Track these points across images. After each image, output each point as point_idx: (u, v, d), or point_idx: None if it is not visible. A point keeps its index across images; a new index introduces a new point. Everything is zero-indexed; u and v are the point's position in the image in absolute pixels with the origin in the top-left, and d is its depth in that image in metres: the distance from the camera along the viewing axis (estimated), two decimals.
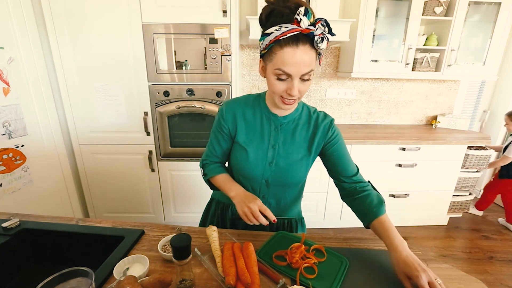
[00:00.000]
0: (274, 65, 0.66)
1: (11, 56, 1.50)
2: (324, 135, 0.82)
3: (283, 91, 0.69)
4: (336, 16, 1.92)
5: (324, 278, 0.67)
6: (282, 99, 0.71)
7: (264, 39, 0.66)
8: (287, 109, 0.75)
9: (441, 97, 2.57)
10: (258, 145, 0.83)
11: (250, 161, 0.82)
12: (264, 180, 0.85)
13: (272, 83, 0.69)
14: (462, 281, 0.69)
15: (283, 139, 0.82)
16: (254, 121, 0.83)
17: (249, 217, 0.72)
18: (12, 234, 0.80)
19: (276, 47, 0.64)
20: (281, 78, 0.67)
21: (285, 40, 0.62)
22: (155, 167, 1.97)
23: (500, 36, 2.09)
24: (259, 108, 0.83)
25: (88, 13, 1.62)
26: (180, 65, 1.76)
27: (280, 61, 0.64)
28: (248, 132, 0.83)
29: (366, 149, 2.05)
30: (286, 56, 0.63)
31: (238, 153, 0.85)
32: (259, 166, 0.83)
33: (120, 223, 0.89)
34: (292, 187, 0.89)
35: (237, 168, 0.86)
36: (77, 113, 1.82)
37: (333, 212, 2.23)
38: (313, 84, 2.44)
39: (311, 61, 0.65)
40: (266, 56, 0.68)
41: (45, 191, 1.76)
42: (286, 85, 0.67)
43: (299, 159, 0.83)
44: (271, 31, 0.63)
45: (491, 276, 1.82)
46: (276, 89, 0.69)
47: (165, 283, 0.58)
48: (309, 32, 0.61)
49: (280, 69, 0.65)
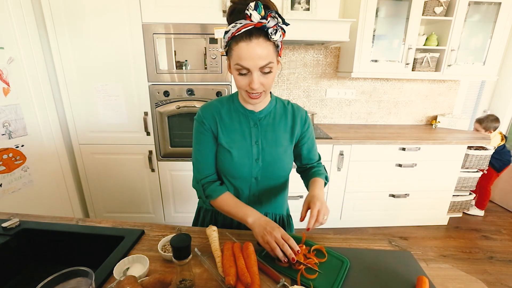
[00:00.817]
0: (234, 61, 0.68)
1: (11, 56, 1.50)
2: (302, 125, 0.88)
3: (246, 85, 0.71)
4: (336, 16, 1.92)
5: (325, 278, 0.67)
6: (248, 93, 0.73)
7: (224, 37, 0.69)
8: (255, 103, 0.76)
9: (441, 97, 2.57)
10: (241, 144, 0.82)
11: (236, 161, 0.82)
12: (254, 178, 0.85)
13: (235, 78, 0.71)
14: (462, 281, 0.68)
15: (264, 133, 0.83)
16: (231, 120, 0.83)
17: (272, 245, 0.67)
18: (12, 234, 0.80)
19: (233, 43, 0.66)
20: (242, 73, 0.69)
21: (239, 35, 0.64)
22: (155, 167, 1.97)
23: (500, 36, 2.09)
24: (234, 107, 0.84)
25: (88, 13, 1.62)
26: (180, 65, 1.76)
27: (237, 56, 0.66)
28: (228, 132, 0.82)
29: (366, 149, 2.05)
30: (241, 51, 0.65)
31: (223, 156, 0.83)
32: (246, 165, 0.82)
33: (120, 223, 0.89)
34: (280, 180, 0.90)
35: (224, 170, 0.85)
36: (77, 113, 1.82)
37: (333, 212, 2.23)
38: (313, 84, 2.45)
39: (268, 54, 0.67)
40: (228, 53, 0.71)
41: (45, 191, 1.76)
42: (248, 79, 0.69)
43: (284, 150, 0.85)
44: (229, 29, 0.66)
45: (491, 276, 1.82)
46: (239, 84, 0.72)
47: (165, 283, 0.58)
48: (262, 26, 0.63)
49: (238, 64, 0.67)
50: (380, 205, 2.24)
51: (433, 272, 0.71)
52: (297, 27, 1.83)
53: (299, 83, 2.43)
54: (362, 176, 2.13)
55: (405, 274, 0.70)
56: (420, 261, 0.75)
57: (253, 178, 0.85)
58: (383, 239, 0.85)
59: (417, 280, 0.66)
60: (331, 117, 2.57)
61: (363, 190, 2.18)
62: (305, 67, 2.39)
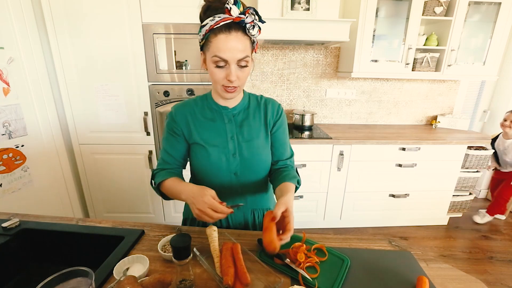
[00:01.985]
0: (211, 53, 0.69)
1: (11, 56, 1.50)
2: (274, 115, 0.88)
3: (223, 78, 0.72)
4: (336, 16, 1.92)
5: (326, 277, 0.67)
6: (225, 87, 0.74)
7: (200, 31, 0.70)
8: (230, 97, 0.77)
9: (441, 97, 2.57)
10: (216, 140, 0.83)
11: (213, 157, 0.82)
12: (233, 173, 0.84)
13: (212, 71, 0.72)
14: (462, 281, 0.68)
15: (240, 129, 0.84)
16: (205, 118, 0.84)
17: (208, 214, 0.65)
18: (12, 234, 0.80)
19: (211, 35, 0.68)
20: (219, 65, 0.70)
21: (218, 28, 0.66)
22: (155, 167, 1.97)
23: (500, 36, 2.09)
24: (207, 105, 0.85)
25: (88, 13, 1.62)
26: (180, 65, 1.76)
27: (215, 47, 0.68)
28: (203, 130, 0.83)
29: (366, 149, 2.05)
30: (220, 42, 0.67)
31: (199, 153, 0.83)
32: (222, 160, 0.82)
33: (120, 223, 0.89)
34: (262, 175, 0.89)
35: (202, 168, 0.85)
36: (77, 113, 1.82)
37: (333, 212, 2.23)
38: (313, 84, 2.45)
39: (245, 47, 0.70)
40: (204, 46, 0.72)
41: (45, 191, 1.76)
42: (225, 72, 0.71)
43: (262, 144, 0.86)
44: (206, 22, 0.67)
45: (491, 276, 1.82)
46: (216, 77, 0.72)
47: (165, 283, 0.58)
48: (240, 20, 0.66)
49: (216, 55, 0.68)
50: (380, 205, 2.24)
51: (433, 272, 0.71)
52: (297, 27, 1.83)
53: (299, 83, 2.43)
54: (362, 176, 2.13)
55: (405, 274, 0.70)
56: (420, 261, 0.75)
57: (233, 173, 0.84)
58: (383, 239, 0.85)
59: (417, 280, 0.66)
60: (331, 117, 2.57)
61: (363, 190, 2.18)
62: (305, 67, 2.39)
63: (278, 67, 2.37)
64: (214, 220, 0.67)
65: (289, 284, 0.65)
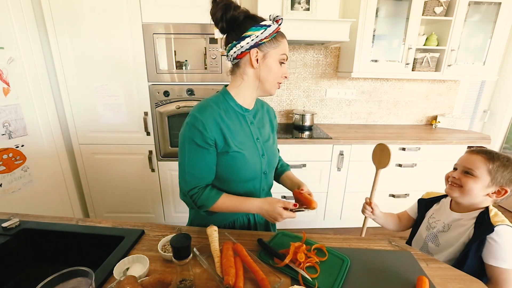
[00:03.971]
0: (280, 51, 0.78)
1: (11, 56, 1.50)
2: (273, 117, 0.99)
3: (281, 75, 0.81)
4: (336, 16, 1.92)
5: (326, 277, 0.67)
6: (279, 83, 0.83)
7: (265, 29, 0.74)
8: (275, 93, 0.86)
9: (441, 97, 2.57)
10: (248, 144, 0.83)
11: (250, 162, 0.82)
12: (263, 173, 0.88)
13: (274, 68, 0.79)
14: (462, 281, 0.68)
15: (259, 130, 0.88)
16: (232, 122, 0.81)
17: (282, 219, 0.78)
18: (12, 234, 0.80)
19: (279, 36, 0.78)
20: (283, 63, 0.80)
21: (280, 32, 0.78)
22: (155, 167, 1.97)
23: (500, 36, 2.09)
24: (230, 108, 0.82)
25: (88, 13, 1.62)
26: (180, 65, 1.76)
27: (285, 47, 0.79)
28: (235, 135, 0.80)
29: (366, 149, 2.05)
30: (285, 44, 0.79)
31: (236, 160, 0.80)
32: (257, 163, 0.85)
33: (120, 223, 0.89)
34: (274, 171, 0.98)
35: (236, 175, 0.82)
36: (77, 113, 1.82)
37: (333, 212, 2.23)
38: (313, 84, 2.45)
39: None
40: (268, 44, 0.76)
41: (45, 191, 1.76)
42: (284, 69, 0.81)
43: (274, 143, 0.95)
44: (269, 24, 0.75)
45: None
46: (278, 74, 0.80)
47: (165, 283, 0.58)
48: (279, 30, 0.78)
49: (285, 53, 0.79)
50: (380, 205, 2.23)
51: (433, 272, 0.71)
52: (297, 27, 1.83)
53: (299, 83, 2.43)
54: (362, 176, 2.13)
55: (405, 274, 0.70)
56: (420, 261, 0.75)
57: (263, 173, 0.88)
58: (383, 239, 0.85)
59: (417, 280, 0.66)
60: (331, 117, 2.57)
61: (363, 190, 2.18)
62: (305, 67, 2.39)
63: None
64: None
65: (289, 284, 0.65)
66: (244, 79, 0.80)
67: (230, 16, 0.73)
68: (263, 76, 0.78)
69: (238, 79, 0.81)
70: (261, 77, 0.79)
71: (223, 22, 0.74)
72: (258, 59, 0.76)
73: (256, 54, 0.76)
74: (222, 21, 0.74)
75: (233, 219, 0.91)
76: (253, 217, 0.94)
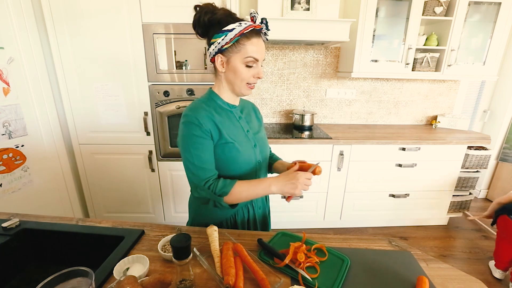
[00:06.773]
0: (244, 54, 0.77)
1: (11, 56, 1.50)
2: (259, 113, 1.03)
3: (250, 76, 0.81)
4: (336, 16, 1.92)
5: (326, 277, 0.67)
6: (249, 85, 0.83)
7: (226, 35, 0.75)
8: (250, 93, 0.86)
9: (441, 97, 2.57)
10: (240, 136, 0.87)
11: (244, 153, 0.86)
12: (258, 162, 0.92)
13: (240, 71, 0.79)
14: (462, 281, 0.68)
15: (248, 123, 0.93)
16: (222, 118, 0.85)
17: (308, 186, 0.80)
18: (12, 234, 0.80)
19: (243, 39, 0.76)
20: (249, 65, 0.79)
21: (249, 32, 0.76)
22: (155, 167, 1.97)
23: (500, 36, 2.09)
24: (218, 105, 0.87)
25: (88, 13, 1.62)
26: (180, 65, 1.76)
27: (250, 49, 0.77)
28: (228, 128, 0.85)
29: (366, 149, 2.05)
30: (254, 45, 0.77)
31: (230, 151, 0.84)
32: (251, 153, 0.89)
33: (120, 223, 0.89)
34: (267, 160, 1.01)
35: (232, 165, 0.85)
36: (77, 113, 1.82)
37: (333, 212, 2.23)
38: (313, 84, 2.45)
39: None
40: (230, 49, 0.77)
41: (45, 191, 1.76)
42: (254, 70, 0.80)
43: (264, 135, 0.99)
44: (233, 27, 0.74)
45: (491, 276, 1.82)
46: (244, 76, 0.80)
47: (165, 283, 0.58)
48: (260, 28, 0.78)
49: (251, 56, 0.78)
50: (380, 205, 2.24)
51: (433, 272, 0.71)
52: (297, 27, 1.83)
53: (299, 83, 2.43)
54: (362, 176, 2.13)
55: (405, 274, 0.70)
56: (420, 261, 0.75)
57: (258, 162, 0.92)
58: (383, 239, 0.85)
59: (417, 280, 0.66)
60: (331, 117, 2.57)
61: (363, 190, 2.18)
62: (305, 67, 2.39)
63: (278, 67, 2.37)
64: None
65: (289, 284, 0.65)
66: (220, 81, 0.85)
67: (202, 23, 0.78)
68: (230, 79, 0.82)
69: (217, 80, 0.86)
70: (229, 80, 0.82)
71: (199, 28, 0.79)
72: (224, 64, 0.80)
73: (221, 59, 0.80)
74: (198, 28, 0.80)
75: (233, 213, 0.92)
76: (252, 209, 0.96)
